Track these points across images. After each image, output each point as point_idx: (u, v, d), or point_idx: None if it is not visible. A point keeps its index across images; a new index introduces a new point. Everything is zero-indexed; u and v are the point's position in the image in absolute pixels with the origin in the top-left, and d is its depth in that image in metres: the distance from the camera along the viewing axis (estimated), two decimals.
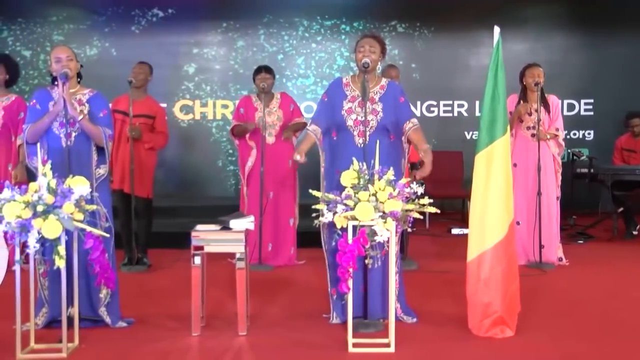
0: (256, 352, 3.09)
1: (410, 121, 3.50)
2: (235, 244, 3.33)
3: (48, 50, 7.49)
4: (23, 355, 2.98)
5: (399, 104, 3.53)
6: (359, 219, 3.00)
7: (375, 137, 3.45)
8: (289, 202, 5.23)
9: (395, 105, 3.52)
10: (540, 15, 7.78)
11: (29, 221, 2.87)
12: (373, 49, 3.50)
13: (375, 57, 3.49)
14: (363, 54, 3.50)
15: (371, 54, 3.49)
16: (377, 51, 3.52)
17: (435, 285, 4.40)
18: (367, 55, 3.48)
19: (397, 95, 3.55)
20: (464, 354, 3.06)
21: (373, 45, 3.52)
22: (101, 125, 3.46)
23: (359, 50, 3.52)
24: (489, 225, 3.18)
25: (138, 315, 3.59)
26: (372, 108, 3.51)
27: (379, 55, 3.53)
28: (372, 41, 3.54)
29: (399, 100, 3.54)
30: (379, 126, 3.48)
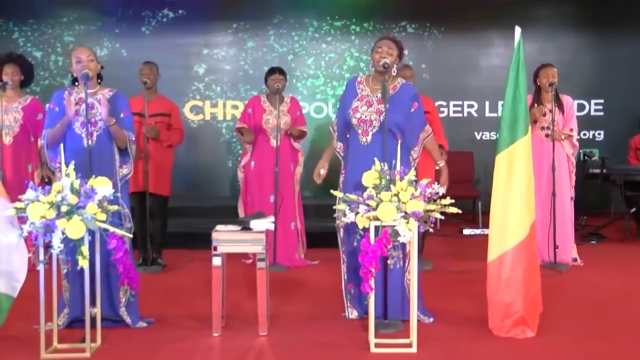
0: (278, 353, 3.10)
1: (424, 130, 3.59)
2: (256, 245, 3.34)
3: (59, 51, 7.52)
4: (47, 354, 3.00)
5: (412, 111, 3.55)
6: (381, 219, 3.00)
7: (379, 136, 3.47)
8: (290, 205, 5.21)
9: (407, 110, 3.53)
10: (549, 16, 7.77)
11: (53, 221, 2.88)
12: (390, 51, 3.52)
13: (392, 59, 3.51)
14: (380, 55, 3.51)
15: (388, 55, 3.51)
16: (394, 53, 3.53)
17: (451, 285, 4.41)
18: (384, 57, 3.50)
19: (410, 100, 3.56)
20: (486, 354, 3.06)
21: (391, 47, 3.54)
22: (122, 126, 3.48)
23: (377, 52, 3.54)
24: (511, 226, 3.18)
25: (156, 315, 3.60)
26: (377, 107, 3.53)
27: (395, 58, 3.54)
28: (390, 43, 3.56)
29: (412, 107, 3.55)
30: (382, 125, 3.49)
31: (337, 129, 3.72)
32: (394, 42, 3.57)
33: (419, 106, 3.58)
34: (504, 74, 8.45)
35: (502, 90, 8.38)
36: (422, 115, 3.61)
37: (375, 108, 3.53)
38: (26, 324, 3.41)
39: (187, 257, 5.41)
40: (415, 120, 3.57)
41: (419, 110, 3.59)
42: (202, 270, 4.94)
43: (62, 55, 7.52)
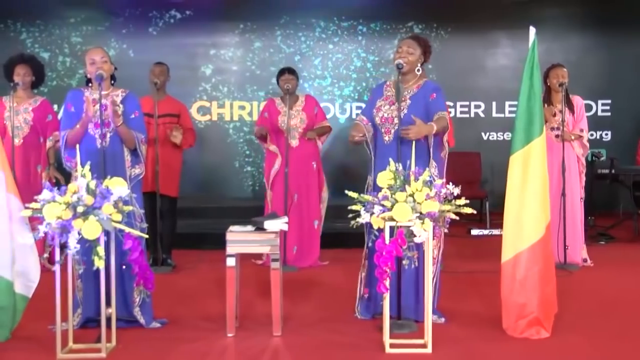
0: (293, 353, 3.10)
1: (437, 113, 3.50)
2: (270, 245, 3.34)
3: (66, 52, 7.53)
4: (63, 355, 3.00)
5: (430, 100, 3.53)
6: (396, 219, 3.00)
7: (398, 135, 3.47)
8: (314, 204, 5.23)
9: (425, 102, 3.52)
10: (556, 16, 7.76)
11: (69, 222, 2.89)
12: (411, 50, 3.52)
13: (412, 59, 3.50)
14: (400, 55, 3.51)
15: (408, 55, 3.51)
16: (417, 53, 3.52)
17: (462, 285, 4.40)
18: (403, 57, 3.49)
19: (430, 92, 3.55)
20: (502, 355, 3.06)
21: (411, 46, 3.53)
22: (133, 127, 3.49)
23: (397, 51, 3.54)
24: (526, 226, 3.18)
25: (169, 316, 3.60)
26: (397, 106, 3.53)
27: (418, 57, 3.53)
28: (411, 42, 3.56)
29: (430, 97, 3.54)
30: (403, 122, 3.48)
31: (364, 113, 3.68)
32: (417, 40, 3.56)
33: (437, 96, 3.54)
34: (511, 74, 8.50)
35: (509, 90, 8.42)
36: (439, 103, 3.52)
37: (396, 106, 3.53)
38: (39, 324, 3.41)
39: (196, 257, 5.41)
40: (431, 108, 3.51)
41: (436, 99, 3.53)
42: (212, 270, 4.96)
43: (70, 56, 7.53)
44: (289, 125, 5.05)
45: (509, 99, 7.87)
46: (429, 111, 3.51)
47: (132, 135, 3.45)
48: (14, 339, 3.23)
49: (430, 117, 3.49)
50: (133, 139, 3.46)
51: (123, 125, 3.42)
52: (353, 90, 7.79)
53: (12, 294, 3.22)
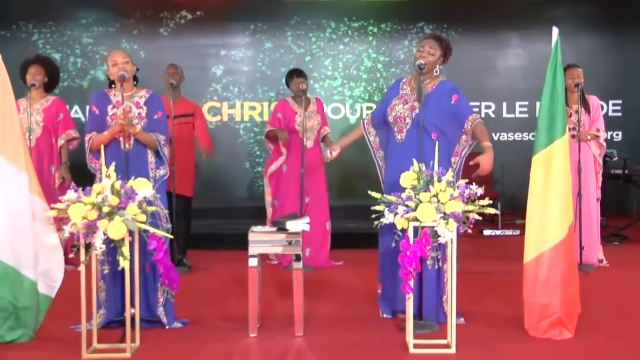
0: (318, 353, 3.11)
1: (469, 118, 3.49)
2: (292, 246, 3.35)
3: (78, 52, 7.55)
4: (88, 354, 3.01)
5: (452, 104, 3.52)
6: (420, 220, 3.01)
7: (413, 134, 3.48)
8: (324, 205, 5.24)
9: (446, 106, 3.51)
10: (567, 16, 7.76)
11: (95, 222, 2.90)
12: (432, 51, 3.52)
13: (432, 59, 3.50)
14: (421, 54, 3.51)
15: (429, 55, 3.50)
16: (437, 53, 3.52)
17: (478, 286, 4.40)
18: (424, 56, 3.49)
19: (448, 95, 3.53)
20: (526, 355, 3.06)
21: (433, 46, 3.53)
22: (155, 127, 3.50)
23: (418, 50, 3.54)
24: (549, 226, 3.18)
25: (189, 316, 3.61)
26: (412, 104, 3.53)
27: (438, 57, 3.53)
28: (433, 42, 3.55)
29: (451, 100, 3.52)
30: (414, 123, 3.49)
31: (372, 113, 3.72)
32: (438, 41, 3.56)
33: (459, 97, 3.52)
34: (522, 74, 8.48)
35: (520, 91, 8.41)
36: (464, 106, 3.51)
37: (410, 105, 3.53)
38: (61, 324, 3.42)
39: (210, 257, 5.43)
40: (457, 113, 3.49)
41: (460, 102, 3.51)
42: (227, 271, 4.97)
43: (81, 57, 7.55)
44: (305, 127, 5.05)
45: (519, 100, 7.88)
46: (454, 114, 3.49)
47: (152, 139, 3.47)
48: (38, 339, 3.24)
49: (458, 120, 3.48)
50: (154, 142, 3.47)
51: (140, 132, 3.43)
52: (363, 90, 7.79)
53: (35, 294, 3.23)
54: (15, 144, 3.20)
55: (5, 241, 3.15)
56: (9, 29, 7.42)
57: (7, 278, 3.14)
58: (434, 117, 3.47)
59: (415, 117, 3.48)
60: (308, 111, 5.13)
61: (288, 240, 3.34)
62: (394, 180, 3.40)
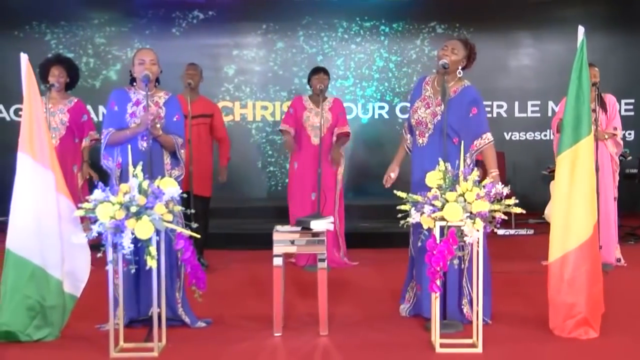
0: (344, 353, 3.11)
1: (482, 138, 3.49)
2: (317, 245, 3.35)
3: (90, 52, 7.56)
4: (116, 353, 3.01)
5: (470, 116, 3.50)
6: (447, 219, 3.01)
7: (434, 139, 3.48)
8: (331, 204, 5.22)
9: (465, 114, 3.50)
10: (579, 15, 7.72)
11: (123, 222, 2.91)
12: (455, 50, 3.51)
13: (455, 58, 3.50)
14: (444, 52, 3.51)
15: (452, 54, 3.50)
16: (461, 54, 3.52)
17: (498, 286, 4.33)
18: (447, 54, 3.49)
19: (468, 105, 3.52)
20: (554, 355, 3.06)
21: (456, 47, 3.53)
22: (173, 130, 3.51)
23: (442, 49, 3.54)
24: (574, 226, 3.18)
25: (210, 315, 3.61)
26: (433, 109, 3.53)
27: (462, 59, 3.52)
28: (457, 43, 3.56)
29: (471, 112, 3.52)
30: (436, 129, 3.49)
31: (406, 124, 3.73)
32: (463, 43, 3.56)
33: (478, 112, 3.50)
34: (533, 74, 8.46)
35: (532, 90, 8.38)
36: (481, 122, 3.51)
37: (432, 110, 3.53)
38: (85, 323, 3.43)
39: (226, 257, 5.44)
40: (472, 126, 3.49)
41: (478, 116, 3.50)
42: (245, 270, 4.98)
43: (94, 57, 7.56)
44: (322, 125, 5.05)
45: (531, 99, 7.87)
46: (469, 126, 3.48)
47: (171, 141, 3.48)
48: (64, 338, 3.25)
49: (473, 135, 3.47)
50: (172, 144, 3.48)
51: (162, 135, 3.44)
52: (375, 90, 7.79)
53: (62, 293, 3.24)
54: (41, 144, 3.21)
55: (33, 241, 3.16)
56: (23, 29, 7.43)
57: (34, 277, 3.15)
58: (455, 123, 3.46)
59: (437, 124, 3.48)
60: (318, 109, 5.12)
61: (313, 240, 3.34)
62: (418, 181, 3.41)
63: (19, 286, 3.14)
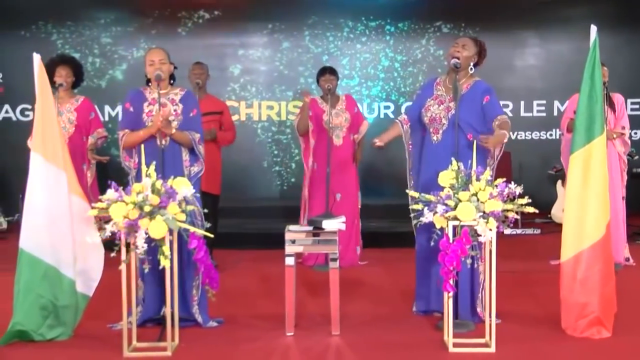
0: (357, 352, 3.11)
1: (497, 118, 3.49)
2: (329, 245, 3.35)
3: (96, 52, 7.57)
4: (129, 353, 3.02)
5: (484, 104, 3.52)
6: (460, 219, 3.01)
7: (448, 135, 3.48)
8: (354, 203, 5.24)
9: (478, 106, 3.52)
10: (585, 15, 7.72)
11: (136, 221, 2.91)
12: (467, 47, 3.52)
13: (467, 54, 3.50)
14: (455, 49, 3.52)
15: (463, 50, 3.51)
16: (471, 51, 3.52)
17: (507, 285, 4.35)
18: (458, 51, 3.50)
19: (482, 95, 3.54)
20: (567, 354, 3.06)
21: (466, 43, 3.55)
22: (191, 125, 3.51)
23: (452, 46, 3.55)
24: (588, 225, 3.18)
25: (221, 315, 3.61)
26: (447, 105, 3.54)
27: (472, 55, 3.53)
28: (467, 40, 3.58)
29: (483, 101, 3.53)
30: (450, 124, 3.50)
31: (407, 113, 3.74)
32: (473, 40, 3.58)
33: (491, 98, 3.52)
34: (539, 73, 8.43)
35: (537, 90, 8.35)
36: (494, 106, 3.51)
37: (445, 106, 3.54)
38: (97, 322, 3.44)
39: (234, 257, 5.44)
40: (487, 112, 3.49)
41: (491, 102, 3.51)
42: (253, 270, 4.98)
43: (100, 56, 7.57)
44: (332, 124, 5.05)
45: (537, 99, 7.87)
46: (485, 115, 3.49)
47: (187, 137, 3.48)
48: (76, 337, 3.25)
49: (488, 121, 3.47)
50: (189, 141, 3.48)
51: (177, 132, 3.44)
52: (381, 90, 7.80)
53: (74, 293, 3.25)
54: (54, 144, 3.21)
55: (46, 240, 3.16)
56: (29, 29, 7.45)
57: (47, 277, 3.16)
58: (469, 117, 3.47)
59: (451, 118, 3.49)
60: (336, 109, 5.13)
61: (325, 240, 3.34)
62: (428, 180, 3.42)
63: (32, 285, 3.14)
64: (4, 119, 7.56)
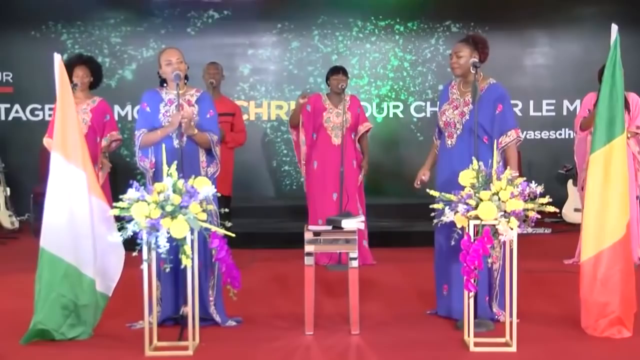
0: (379, 352, 3.11)
1: (507, 135, 3.48)
2: (348, 244, 3.35)
3: (106, 52, 7.57)
4: (151, 352, 3.02)
5: (496, 114, 3.50)
6: (481, 218, 3.01)
7: (463, 140, 3.49)
8: (356, 202, 5.22)
9: (492, 112, 3.50)
10: (595, 14, 7.72)
11: (158, 221, 2.91)
12: (460, 54, 3.55)
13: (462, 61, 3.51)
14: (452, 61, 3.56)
15: (458, 59, 3.54)
16: (465, 53, 3.52)
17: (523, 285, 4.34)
18: (454, 62, 3.53)
19: (494, 103, 3.51)
20: (589, 354, 3.06)
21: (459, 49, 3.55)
22: (208, 126, 3.51)
23: (450, 60, 3.58)
24: (608, 225, 3.18)
25: (239, 314, 3.61)
26: (461, 109, 3.53)
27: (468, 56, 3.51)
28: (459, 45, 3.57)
29: (496, 109, 3.51)
30: (465, 129, 3.50)
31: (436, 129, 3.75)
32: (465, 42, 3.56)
33: (503, 108, 3.50)
34: (549, 73, 8.40)
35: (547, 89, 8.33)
36: (507, 119, 3.50)
37: (460, 110, 3.55)
38: (116, 322, 3.44)
39: (246, 256, 5.41)
40: (498, 123, 3.48)
41: (504, 113, 3.49)
42: (266, 269, 4.98)
43: (109, 56, 7.57)
44: (343, 124, 5.05)
45: (546, 98, 7.86)
46: (493, 122, 3.48)
47: (206, 138, 3.49)
48: (96, 337, 3.25)
49: (496, 132, 3.46)
50: (208, 142, 3.49)
51: (198, 134, 3.44)
52: (390, 89, 7.79)
53: (94, 292, 3.25)
54: (74, 144, 3.22)
55: (66, 239, 3.17)
56: (39, 29, 7.44)
57: (68, 276, 3.16)
58: (483, 122, 3.46)
59: (465, 123, 3.49)
60: (338, 109, 5.12)
61: (345, 239, 3.35)
62: (444, 183, 3.43)
63: (53, 285, 3.15)
64: (14, 118, 7.56)
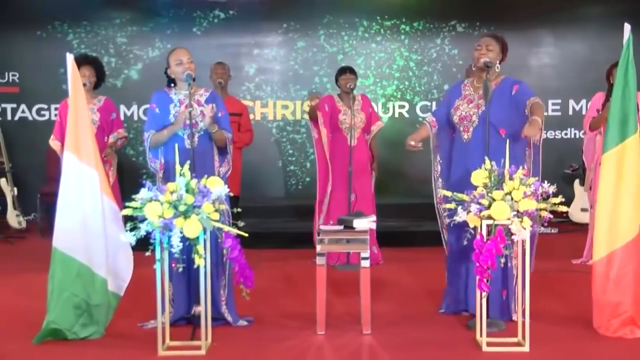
0: (391, 351, 3.11)
1: (529, 100, 3.46)
2: (360, 244, 3.35)
3: (112, 52, 7.57)
4: (164, 352, 3.02)
5: (513, 94, 3.50)
6: (494, 218, 3.01)
7: (479, 132, 3.48)
8: (370, 202, 5.24)
9: (508, 98, 3.50)
10: (600, 14, 7.72)
11: (171, 221, 2.91)
12: (490, 47, 3.52)
13: (492, 55, 3.50)
14: (480, 52, 3.51)
15: (488, 52, 3.51)
16: (496, 49, 3.53)
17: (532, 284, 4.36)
18: (483, 53, 3.50)
19: (510, 88, 3.53)
20: (602, 354, 3.05)
21: (490, 43, 3.54)
22: (221, 126, 3.52)
23: (476, 49, 3.54)
24: (621, 224, 3.17)
25: (249, 314, 3.61)
26: (477, 102, 3.54)
27: (497, 54, 3.53)
28: (490, 40, 3.57)
29: (512, 91, 3.51)
30: (481, 120, 3.49)
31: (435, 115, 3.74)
32: (495, 38, 3.58)
33: (520, 86, 3.52)
34: (554, 72, 8.38)
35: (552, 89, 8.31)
36: (525, 91, 3.49)
37: (475, 103, 3.54)
38: (127, 322, 3.45)
39: (253, 256, 5.36)
40: (519, 100, 3.46)
41: (521, 88, 3.50)
42: (274, 269, 4.98)
43: (115, 56, 7.58)
44: (352, 125, 5.05)
45: (551, 98, 7.84)
46: (517, 103, 3.47)
47: (224, 136, 3.50)
48: (108, 336, 3.26)
49: (521, 106, 3.46)
50: (225, 139, 3.50)
51: (218, 131, 3.45)
52: (396, 89, 7.79)
53: (106, 292, 3.25)
54: (87, 144, 3.22)
55: (79, 240, 3.17)
56: (45, 29, 7.45)
57: (80, 276, 3.16)
58: (500, 113, 3.46)
59: (481, 115, 3.48)
60: (350, 109, 5.13)
61: (356, 239, 3.35)
62: (459, 179, 3.42)
63: (65, 284, 3.15)
64: (20, 118, 7.56)
